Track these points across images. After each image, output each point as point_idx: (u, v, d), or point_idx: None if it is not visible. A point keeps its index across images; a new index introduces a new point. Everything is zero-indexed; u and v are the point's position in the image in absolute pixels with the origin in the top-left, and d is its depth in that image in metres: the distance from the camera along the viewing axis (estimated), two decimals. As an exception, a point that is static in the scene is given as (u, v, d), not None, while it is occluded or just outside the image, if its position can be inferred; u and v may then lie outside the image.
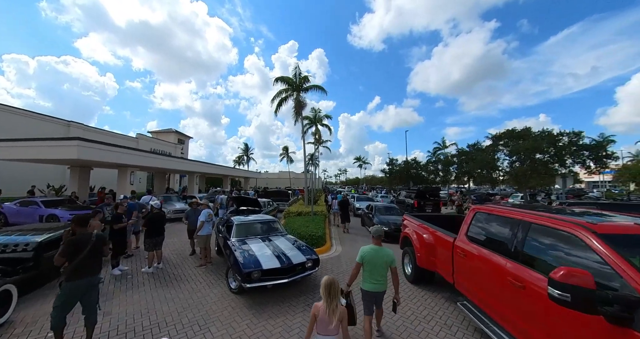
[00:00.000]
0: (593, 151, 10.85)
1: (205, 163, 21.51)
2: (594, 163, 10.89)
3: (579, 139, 11.24)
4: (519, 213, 3.10)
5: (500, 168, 13.79)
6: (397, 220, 10.07)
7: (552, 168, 11.22)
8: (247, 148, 62.10)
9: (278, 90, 15.71)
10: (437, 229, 4.69)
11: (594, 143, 10.80)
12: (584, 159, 10.83)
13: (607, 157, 10.83)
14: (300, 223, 10.10)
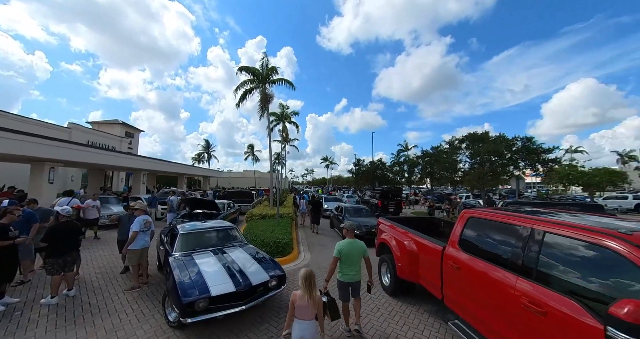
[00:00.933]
0: (541, 155, 11.85)
1: (155, 159, 18.86)
2: (542, 166, 11.91)
3: (531, 144, 12.22)
4: (525, 219, 2.62)
5: (462, 169, 14.43)
6: (367, 221, 9.63)
7: (509, 170, 12.04)
8: (208, 145, 57.98)
9: (242, 80, 14.31)
10: (420, 235, 4.15)
11: (543, 148, 11.82)
12: (534, 162, 11.78)
13: (553, 161, 11.93)
14: (264, 227, 9.07)
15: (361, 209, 11.39)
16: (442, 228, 6.29)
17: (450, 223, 6.15)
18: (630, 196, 25.51)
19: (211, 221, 6.33)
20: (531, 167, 11.95)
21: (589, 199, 26.08)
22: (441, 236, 6.37)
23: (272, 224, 9.65)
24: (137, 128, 38.99)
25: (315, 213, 11.31)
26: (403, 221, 6.16)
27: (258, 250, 5.23)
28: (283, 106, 24.50)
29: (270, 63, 14.49)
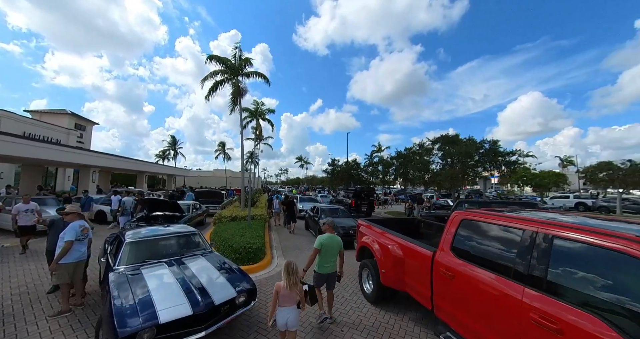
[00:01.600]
0: (505, 157, 12.58)
1: (108, 154, 16.64)
2: (506, 167, 12.66)
3: (496, 147, 12.92)
4: (528, 221, 2.37)
5: (435, 170, 14.86)
6: (345, 223, 9.30)
7: (478, 171, 12.60)
8: (174, 142, 54.08)
9: (212, 70, 13.17)
10: (406, 239, 3.83)
11: (506, 152, 12.57)
12: (500, 164, 12.47)
13: (514, 164, 12.73)
14: (233, 231, 8.28)
15: (337, 209, 11.06)
16: (422, 229, 6.13)
17: (430, 225, 6.02)
18: (571, 196, 28.79)
19: (170, 226, 5.48)
20: (497, 168, 12.65)
21: (539, 198, 28.83)
22: (421, 238, 6.22)
23: (242, 227, 8.88)
24: (89, 120, 35.01)
25: (290, 212, 11.26)
26: (383, 222, 5.88)
27: (224, 259, 4.55)
28: (257, 103, 23.49)
29: (244, 55, 13.56)
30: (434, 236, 5.67)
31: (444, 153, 13.90)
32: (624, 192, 23.29)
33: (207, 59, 13.00)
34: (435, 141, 14.62)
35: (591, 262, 1.90)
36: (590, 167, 23.31)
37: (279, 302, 2.72)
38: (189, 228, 5.33)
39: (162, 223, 8.93)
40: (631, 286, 1.69)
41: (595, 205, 25.13)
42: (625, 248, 1.72)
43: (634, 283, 1.68)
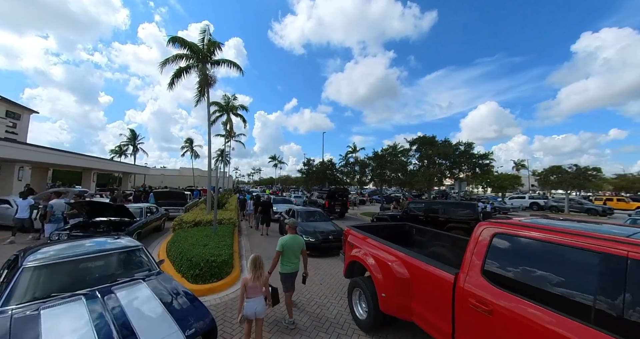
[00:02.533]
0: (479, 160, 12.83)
1: (39, 147, 13.79)
2: (479, 169, 12.90)
3: (471, 149, 13.13)
4: (608, 241, 1.72)
5: (413, 171, 14.77)
6: (324, 227, 8.48)
7: (454, 173, 12.67)
8: (134, 136, 49.10)
9: (174, 54, 11.52)
10: (415, 256, 3.09)
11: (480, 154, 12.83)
12: (475, 166, 12.66)
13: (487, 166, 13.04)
14: (195, 239, 7.02)
15: (315, 212, 10.19)
16: (415, 236, 5.53)
17: (424, 231, 5.44)
18: (527, 196, 31.41)
19: (107, 238, 4.18)
20: (472, 170, 12.85)
21: (499, 199, 30.91)
22: (414, 246, 5.62)
23: (207, 234, 7.63)
24: (26, 108, 30.34)
25: (265, 214, 10.67)
26: (371, 229, 5.16)
27: (176, 283, 3.45)
28: (228, 97, 21.77)
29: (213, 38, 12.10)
30: (428, 244, 5.08)
31: (422, 154, 13.84)
32: (570, 193, 25.70)
33: (169, 42, 11.33)
34: (413, 142, 14.54)
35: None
36: (544, 170, 25.36)
37: (246, 294, 2.94)
38: (130, 241, 4.09)
39: (105, 231, 7.39)
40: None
41: (547, 204, 27.57)
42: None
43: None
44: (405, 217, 10.43)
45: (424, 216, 9.90)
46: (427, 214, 9.95)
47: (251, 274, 2.97)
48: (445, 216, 9.35)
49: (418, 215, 10.14)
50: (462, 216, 8.92)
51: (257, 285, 2.95)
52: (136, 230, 7.87)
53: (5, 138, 15.28)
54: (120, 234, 7.31)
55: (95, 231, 7.34)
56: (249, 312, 2.90)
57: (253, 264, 3.01)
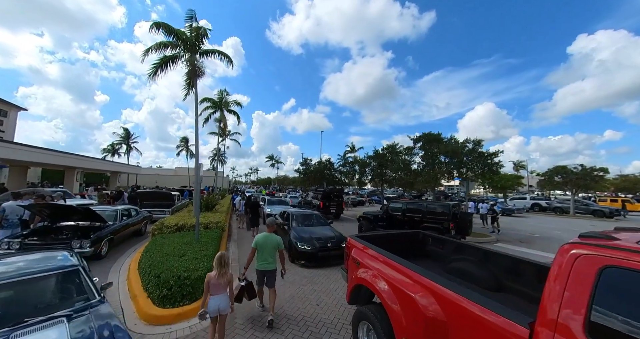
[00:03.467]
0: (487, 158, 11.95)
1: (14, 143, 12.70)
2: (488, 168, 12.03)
3: (479, 147, 12.27)
4: None
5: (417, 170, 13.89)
6: (322, 233, 7.54)
7: (462, 172, 11.82)
8: (128, 135, 47.96)
9: (159, 42, 10.52)
10: (452, 287, 2.15)
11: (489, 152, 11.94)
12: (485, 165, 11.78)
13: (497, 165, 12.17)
14: (173, 247, 6.05)
15: (311, 216, 9.18)
16: (430, 246, 4.61)
17: (442, 241, 4.52)
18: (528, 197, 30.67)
19: (30, 255, 3.21)
20: (482, 169, 11.97)
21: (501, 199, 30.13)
22: (429, 258, 4.72)
23: (187, 241, 6.66)
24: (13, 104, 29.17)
25: (254, 214, 10.65)
26: (378, 239, 4.24)
27: (114, 322, 2.48)
28: (221, 92, 20.75)
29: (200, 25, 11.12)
30: (448, 257, 4.16)
31: (427, 152, 12.95)
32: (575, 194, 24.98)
33: (151, 27, 10.35)
34: (417, 139, 13.65)
35: None
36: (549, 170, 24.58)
37: (210, 291, 3.03)
38: (65, 260, 3.12)
39: (67, 239, 6.40)
40: None
41: (551, 205, 26.82)
42: None
43: None
44: (386, 217, 10.65)
45: (402, 216, 10.06)
46: (404, 214, 10.08)
47: (216, 271, 3.05)
48: (420, 216, 9.49)
49: (396, 215, 10.28)
50: (436, 217, 9.04)
51: (221, 282, 3.02)
52: (106, 237, 6.89)
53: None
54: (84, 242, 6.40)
55: (55, 238, 6.36)
56: (212, 308, 2.95)
57: (218, 261, 3.07)
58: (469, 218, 9.54)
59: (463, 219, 9.19)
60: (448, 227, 8.54)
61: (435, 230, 8.37)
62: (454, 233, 8.53)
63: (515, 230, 14.00)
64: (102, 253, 6.74)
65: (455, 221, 8.71)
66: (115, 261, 6.78)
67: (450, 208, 8.91)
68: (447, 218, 8.63)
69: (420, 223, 9.14)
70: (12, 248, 5.79)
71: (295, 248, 6.76)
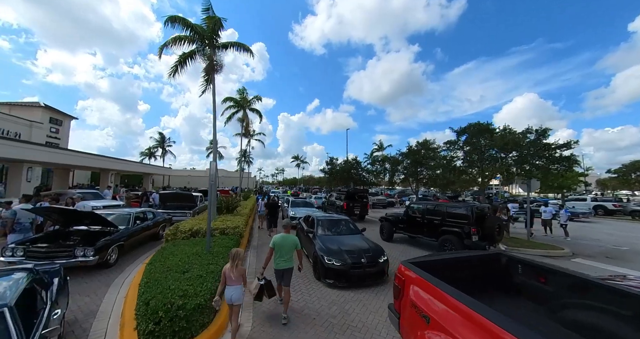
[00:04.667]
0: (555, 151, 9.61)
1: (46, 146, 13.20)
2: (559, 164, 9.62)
3: (545, 137, 9.95)
4: None
5: (461, 168, 11.90)
6: (353, 244, 6.19)
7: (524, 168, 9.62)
8: (163, 139, 50.67)
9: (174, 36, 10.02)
10: None
11: (558, 144, 9.58)
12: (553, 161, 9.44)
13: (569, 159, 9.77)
14: (179, 259, 5.18)
15: (339, 222, 7.83)
16: (521, 276, 3.09)
17: (542, 270, 2.98)
18: (589, 198, 26.03)
19: None
20: (551, 164, 9.63)
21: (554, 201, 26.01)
22: (519, 295, 3.20)
23: (197, 251, 5.76)
24: (66, 114, 31.64)
25: (272, 216, 10.66)
26: (443, 266, 2.86)
27: None
28: (243, 91, 20.30)
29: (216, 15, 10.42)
30: (556, 299, 2.63)
31: (475, 146, 10.91)
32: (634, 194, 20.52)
33: (166, 22, 9.83)
34: (462, 131, 11.61)
35: None
36: (623, 166, 20.47)
37: (226, 281, 3.37)
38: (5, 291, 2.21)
39: (73, 245, 5.86)
40: None
41: (626, 209, 22.39)
42: None
43: None
44: (407, 218, 9.96)
45: (421, 218, 9.26)
46: (424, 216, 9.23)
47: (230, 264, 3.40)
48: (439, 219, 8.57)
49: (416, 217, 9.52)
50: (456, 219, 8.04)
51: (235, 275, 3.34)
52: (115, 243, 6.27)
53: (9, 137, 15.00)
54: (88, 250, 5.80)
55: (61, 244, 5.85)
56: (226, 298, 3.34)
57: (231, 256, 3.44)
58: (497, 223, 7.94)
59: (490, 223, 7.68)
60: (469, 232, 7.44)
61: (454, 234, 7.75)
62: (476, 239, 7.42)
63: (588, 239, 11.38)
64: (109, 261, 6.13)
65: (479, 225, 7.59)
66: (123, 270, 6.14)
67: (472, 210, 7.79)
68: (469, 222, 7.58)
69: (440, 227, 8.38)
70: (16, 256, 5.36)
71: (322, 262, 5.54)
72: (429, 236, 8.71)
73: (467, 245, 7.38)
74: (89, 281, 5.43)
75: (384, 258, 5.80)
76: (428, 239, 8.78)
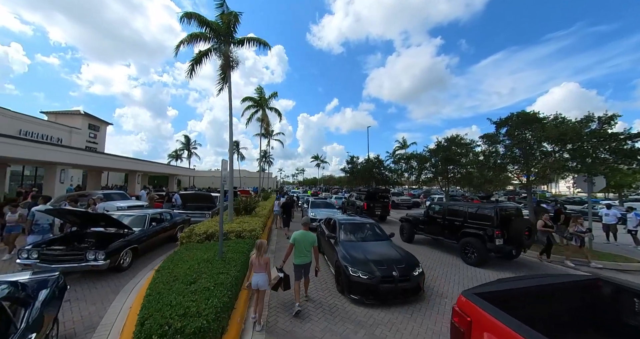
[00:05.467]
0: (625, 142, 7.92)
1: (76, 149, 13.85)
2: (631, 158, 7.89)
3: (610, 126, 8.30)
4: None
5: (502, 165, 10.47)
6: (382, 253, 5.37)
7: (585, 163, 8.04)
8: (188, 142, 52.77)
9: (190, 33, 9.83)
10: None
11: (631, 133, 7.86)
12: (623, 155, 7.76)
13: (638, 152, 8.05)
14: (188, 266, 4.74)
15: (364, 226, 6.92)
16: (628, 311, 2.13)
17: None
18: (651, 199, 22.50)
19: None
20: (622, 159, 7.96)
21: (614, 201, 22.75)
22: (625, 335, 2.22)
23: (209, 257, 5.30)
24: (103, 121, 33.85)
25: (286, 214, 11.01)
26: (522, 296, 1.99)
27: None
28: (260, 90, 20.07)
29: (232, 10, 10.07)
30: None
31: (519, 139, 9.44)
32: None
33: (182, 18, 9.65)
34: (502, 122, 10.15)
35: None
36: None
37: (253, 269, 3.82)
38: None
39: (86, 248, 5.67)
40: None
41: None
42: None
43: None
44: (427, 219, 9.43)
45: (442, 219, 8.71)
46: (444, 216, 8.66)
47: (255, 253, 3.85)
48: (460, 220, 7.97)
49: (437, 218, 8.99)
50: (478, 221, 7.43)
51: (260, 263, 3.79)
52: (128, 246, 6.02)
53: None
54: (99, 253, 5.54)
55: (76, 247, 5.69)
56: (253, 283, 3.75)
57: (256, 247, 3.89)
58: (526, 226, 6.94)
59: (517, 225, 6.86)
60: (492, 235, 6.82)
61: (476, 237, 7.20)
62: (500, 242, 6.77)
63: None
64: (123, 265, 5.88)
65: (504, 227, 6.91)
66: (135, 275, 5.86)
67: (497, 211, 7.10)
68: (492, 224, 6.96)
69: (461, 228, 7.82)
70: (31, 258, 5.24)
71: (346, 274, 4.80)
72: (450, 239, 8.17)
73: (490, 249, 6.88)
74: (100, 286, 5.17)
75: (419, 270, 4.93)
76: (449, 241, 8.24)
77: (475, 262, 7.04)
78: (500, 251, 6.89)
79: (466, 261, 7.29)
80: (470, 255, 7.19)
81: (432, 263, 7.37)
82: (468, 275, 6.38)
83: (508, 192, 40.82)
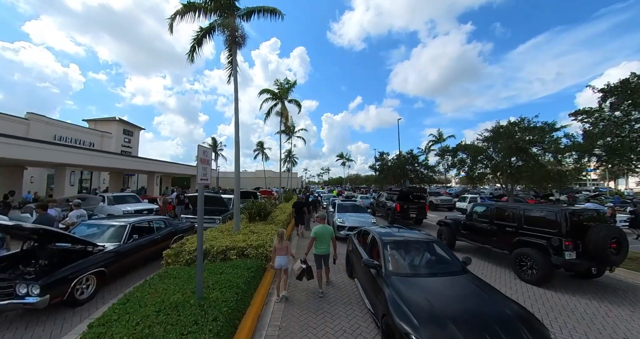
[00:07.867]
0: None
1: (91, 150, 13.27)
2: None
3: None
4: None
5: (602, 156, 7.42)
6: (465, 302, 3.06)
7: None
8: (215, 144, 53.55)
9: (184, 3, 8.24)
10: None
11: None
12: None
13: None
14: (142, 315, 2.86)
15: (422, 245, 4.48)
16: None
17: None
18: None
19: None
20: None
21: None
22: None
23: (185, 296, 3.41)
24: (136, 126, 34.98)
25: (298, 214, 10.62)
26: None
27: None
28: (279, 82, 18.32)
29: None
30: None
31: (626, 117, 6.43)
32: None
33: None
34: (609, 91, 7.02)
35: None
36: None
37: (277, 252, 4.56)
38: None
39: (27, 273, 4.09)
40: None
41: None
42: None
43: None
44: (469, 223, 8.00)
45: (489, 224, 7.18)
46: (492, 220, 7.10)
47: (277, 240, 4.66)
48: (514, 226, 6.37)
49: (482, 222, 7.49)
50: (539, 228, 5.78)
51: (280, 247, 4.57)
52: (85, 272, 4.38)
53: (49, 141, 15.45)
54: (33, 286, 3.81)
55: (12, 273, 4.14)
56: (277, 264, 4.50)
57: (278, 235, 4.70)
58: (612, 236, 4.95)
59: (598, 234, 4.94)
60: (560, 246, 5.19)
61: (536, 247, 5.66)
62: (572, 257, 5.08)
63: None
64: (78, 298, 4.26)
65: (578, 237, 5.16)
66: (97, 309, 4.19)
67: (565, 215, 5.37)
68: (559, 232, 5.34)
69: (515, 236, 6.32)
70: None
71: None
72: (500, 248, 6.68)
73: (556, 264, 5.22)
74: (37, 326, 3.54)
75: None
76: (499, 251, 6.73)
77: (534, 280, 5.49)
78: (572, 267, 5.27)
79: (522, 277, 5.78)
80: (528, 270, 5.67)
81: (481, 276, 4.91)
82: (524, 294, 4.95)
83: (566, 190, 34.88)
